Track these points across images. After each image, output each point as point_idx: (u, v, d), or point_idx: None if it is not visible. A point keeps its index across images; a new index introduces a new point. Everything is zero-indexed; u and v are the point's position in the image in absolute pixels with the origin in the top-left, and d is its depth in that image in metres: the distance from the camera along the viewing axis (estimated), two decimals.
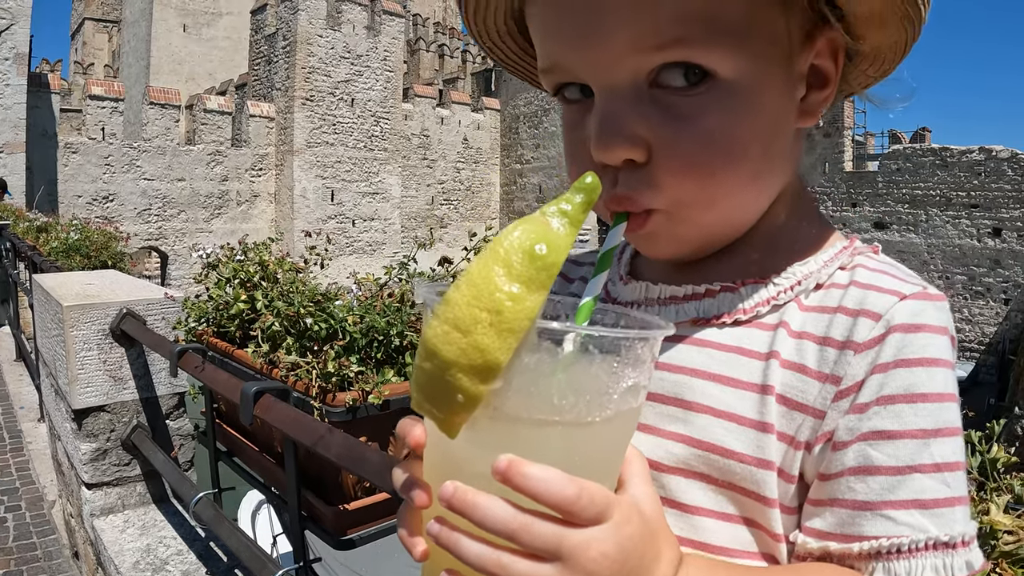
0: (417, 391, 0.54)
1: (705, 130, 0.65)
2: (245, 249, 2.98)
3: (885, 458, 0.63)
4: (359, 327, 2.49)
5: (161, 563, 2.66)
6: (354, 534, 2.31)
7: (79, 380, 2.86)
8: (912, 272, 0.71)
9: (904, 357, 0.64)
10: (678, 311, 0.75)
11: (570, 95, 0.72)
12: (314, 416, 2.16)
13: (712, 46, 0.64)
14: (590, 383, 0.54)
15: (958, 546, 0.62)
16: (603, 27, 0.65)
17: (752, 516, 0.69)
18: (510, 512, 0.52)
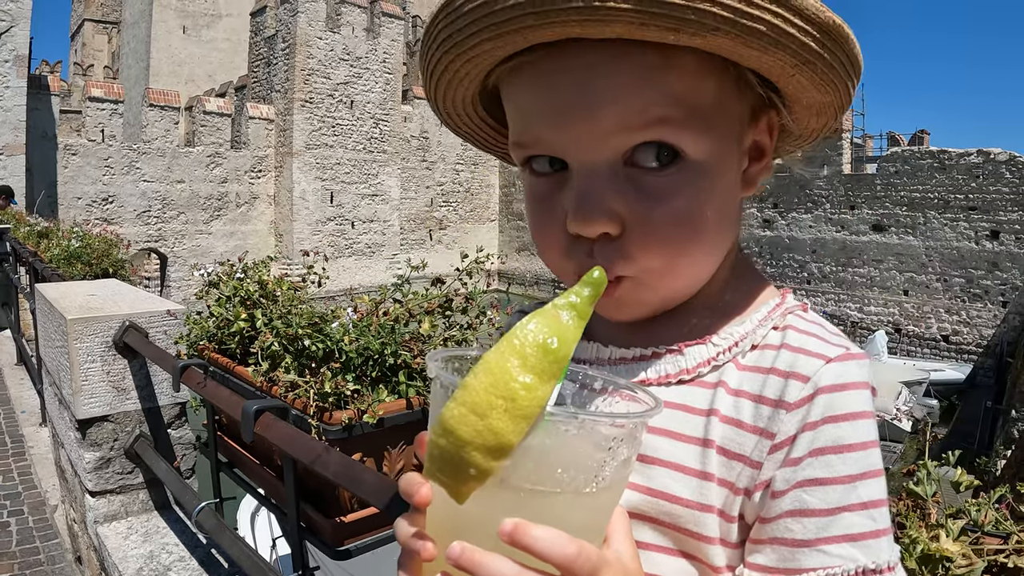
0: (431, 462, 0.59)
1: (676, 209, 0.73)
2: (245, 268, 3.07)
3: (818, 501, 0.72)
4: (355, 346, 2.58)
5: (164, 569, 2.73)
6: (350, 544, 2.40)
7: (83, 391, 2.93)
8: (837, 331, 0.79)
9: (831, 414, 0.73)
10: (627, 371, 0.82)
11: (538, 167, 0.78)
12: (312, 434, 2.24)
13: (687, 128, 0.72)
14: (590, 459, 0.61)
15: (884, 571, 0.71)
16: (592, 106, 0.71)
17: (694, 552, 0.76)
18: (515, 570, 0.57)
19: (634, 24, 0.65)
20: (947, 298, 28.95)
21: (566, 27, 0.67)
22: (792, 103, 0.78)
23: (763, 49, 0.67)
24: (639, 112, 0.71)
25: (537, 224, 0.81)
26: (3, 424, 6.55)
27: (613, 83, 0.70)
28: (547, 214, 0.78)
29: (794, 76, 0.72)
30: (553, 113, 0.74)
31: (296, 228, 37.01)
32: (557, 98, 0.73)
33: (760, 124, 0.80)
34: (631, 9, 0.63)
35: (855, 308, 31.50)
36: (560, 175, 0.77)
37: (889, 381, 21.53)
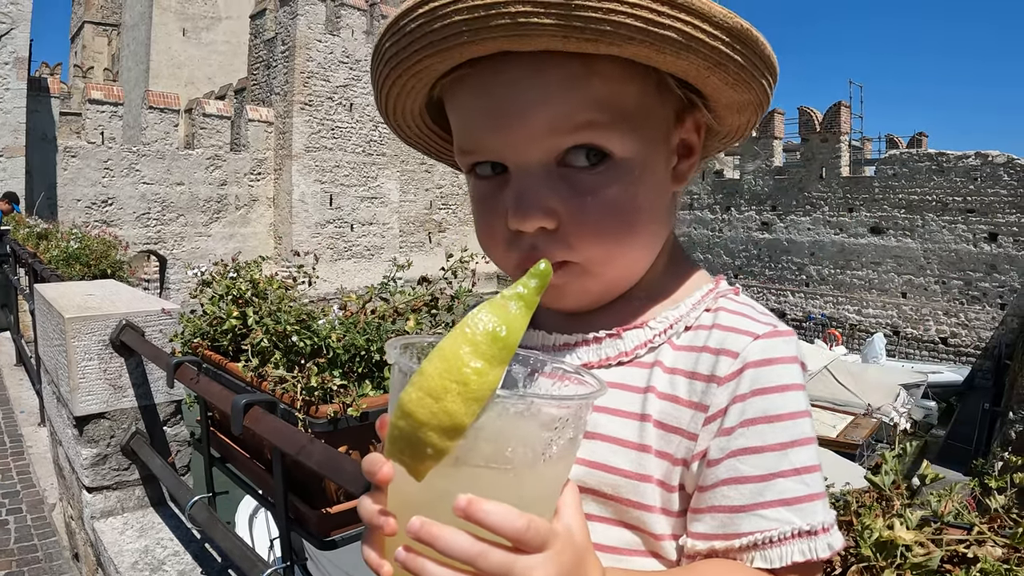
0: (391, 444, 0.64)
1: (607, 202, 0.79)
2: (238, 267, 3.15)
3: (752, 469, 0.77)
4: (342, 343, 2.66)
5: (159, 563, 2.78)
6: (336, 535, 2.46)
7: (80, 388, 2.99)
8: (767, 311, 0.84)
9: (759, 387, 0.78)
10: (571, 356, 0.88)
11: (481, 172, 0.85)
12: (298, 427, 2.30)
13: (613, 130, 0.78)
14: (538, 438, 0.65)
15: (819, 532, 0.76)
16: (524, 112, 0.77)
17: (635, 523, 0.81)
18: (469, 541, 0.61)
19: (557, 38, 0.71)
20: (945, 300, 29.00)
21: (497, 42, 0.73)
22: (713, 103, 0.84)
23: (676, 54, 0.73)
24: (566, 117, 0.77)
25: (482, 223, 0.87)
26: (2, 424, 6.59)
27: (542, 92, 0.77)
28: (490, 213, 0.85)
29: (709, 78, 0.78)
30: (491, 120, 0.80)
31: (295, 230, 37.06)
32: (494, 106, 0.79)
33: (686, 124, 0.86)
34: (553, 24, 0.70)
35: (853, 310, 31.55)
36: (501, 178, 0.83)
37: (887, 383, 21.57)
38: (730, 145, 0.94)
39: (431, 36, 0.75)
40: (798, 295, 33.56)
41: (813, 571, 0.77)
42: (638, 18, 0.69)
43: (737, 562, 0.78)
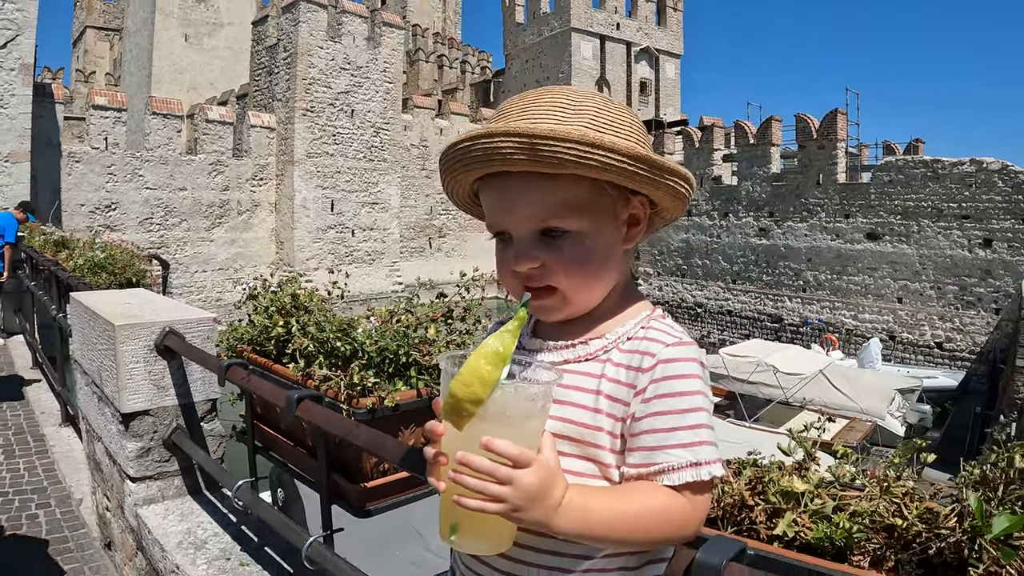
0: (444, 411, 1.12)
1: (569, 258, 1.27)
2: (280, 283, 3.61)
3: (662, 423, 1.21)
4: (375, 348, 3.17)
5: (201, 542, 3.10)
6: (371, 506, 2.97)
7: (128, 388, 3.32)
8: (679, 329, 1.30)
9: (666, 375, 1.23)
10: (557, 354, 1.34)
11: (502, 237, 1.32)
12: (343, 415, 2.71)
13: (569, 216, 1.26)
14: (524, 405, 1.13)
15: (703, 464, 1.19)
16: (515, 208, 1.28)
17: (592, 456, 1.25)
18: (489, 462, 1.08)
19: (531, 164, 1.20)
20: (941, 306, 29.12)
21: (495, 167, 1.25)
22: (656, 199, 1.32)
23: (600, 173, 1.21)
24: (540, 212, 1.25)
25: (500, 266, 1.34)
26: (24, 424, 6.85)
27: (525, 196, 1.25)
28: (503, 261, 1.32)
29: (628, 182, 1.25)
30: (501, 208, 1.30)
31: (297, 236, 37.32)
32: (501, 201, 1.30)
33: (633, 203, 1.32)
34: (526, 159, 1.19)
35: (850, 316, 31.73)
36: (509, 240, 1.30)
37: (883, 387, 21.72)
38: (674, 220, 1.41)
39: (453, 163, 1.30)
40: (795, 300, 33.77)
41: (702, 489, 1.20)
42: (572, 154, 1.17)
43: (653, 482, 1.20)
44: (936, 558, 1.42)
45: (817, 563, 1.44)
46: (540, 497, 1.09)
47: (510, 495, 1.07)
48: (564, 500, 1.12)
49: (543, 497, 1.10)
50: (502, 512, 1.08)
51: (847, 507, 1.59)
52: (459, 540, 1.17)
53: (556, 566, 1.24)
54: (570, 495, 1.14)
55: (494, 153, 1.20)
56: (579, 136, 1.17)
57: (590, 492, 1.18)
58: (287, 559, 2.88)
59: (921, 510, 1.52)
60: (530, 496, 1.08)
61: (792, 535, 1.56)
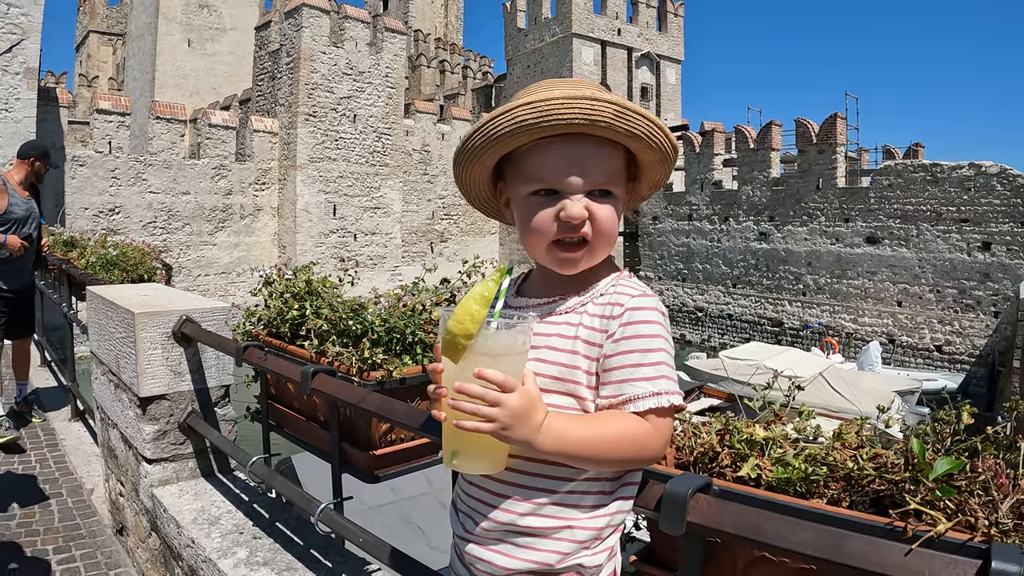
0: (443, 347, 1.33)
1: (607, 216, 1.44)
2: (295, 270, 3.83)
3: (629, 360, 1.39)
4: (384, 327, 3.42)
5: (215, 519, 3.28)
6: (380, 473, 3.19)
7: (146, 373, 3.49)
8: (643, 285, 1.49)
9: (632, 320, 1.41)
10: (542, 309, 1.51)
11: (543, 194, 1.44)
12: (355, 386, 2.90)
13: (616, 184, 1.46)
14: (507, 341, 1.31)
15: (663, 394, 1.37)
16: (583, 171, 1.41)
17: (571, 391, 1.44)
18: (480, 388, 1.27)
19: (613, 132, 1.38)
20: (940, 309, 29.19)
21: (573, 129, 1.36)
22: (641, 168, 1.50)
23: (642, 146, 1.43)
24: (601, 178, 1.43)
25: (539, 219, 1.44)
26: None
27: (592, 161, 1.41)
28: (545, 217, 1.43)
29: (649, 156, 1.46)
30: (559, 169, 1.41)
31: (299, 240, 37.47)
32: (564, 160, 1.41)
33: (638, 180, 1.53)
34: (605, 126, 1.36)
35: (849, 319, 31.82)
36: (555, 197, 1.43)
37: (882, 390, 21.82)
38: (653, 191, 1.60)
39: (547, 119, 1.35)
40: (795, 304, 33.89)
41: (663, 414, 1.38)
42: (645, 130, 1.39)
43: (622, 411, 1.38)
44: (887, 499, 1.60)
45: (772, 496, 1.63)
46: (524, 418, 1.28)
47: (499, 414, 1.25)
48: (545, 423, 1.31)
49: (527, 418, 1.28)
50: (493, 431, 1.26)
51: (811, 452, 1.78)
52: (460, 463, 1.36)
53: (543, 487, 1.41)
54: (550, 419, 1.32)
55: (586, 115, 1.34)
56: (648, 113, 1.38)
57: (568, 417, 1.38)
58: (297, 532, 3.06)
59: (871, 455, 1.71)
60: (515, 416, 1.26)
61: (755, 476, 1.76)
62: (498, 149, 1.43)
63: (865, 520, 1.47)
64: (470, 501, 1.50)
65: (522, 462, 1.41)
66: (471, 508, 1.50)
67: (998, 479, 1.47)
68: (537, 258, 1.51)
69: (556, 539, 1.40)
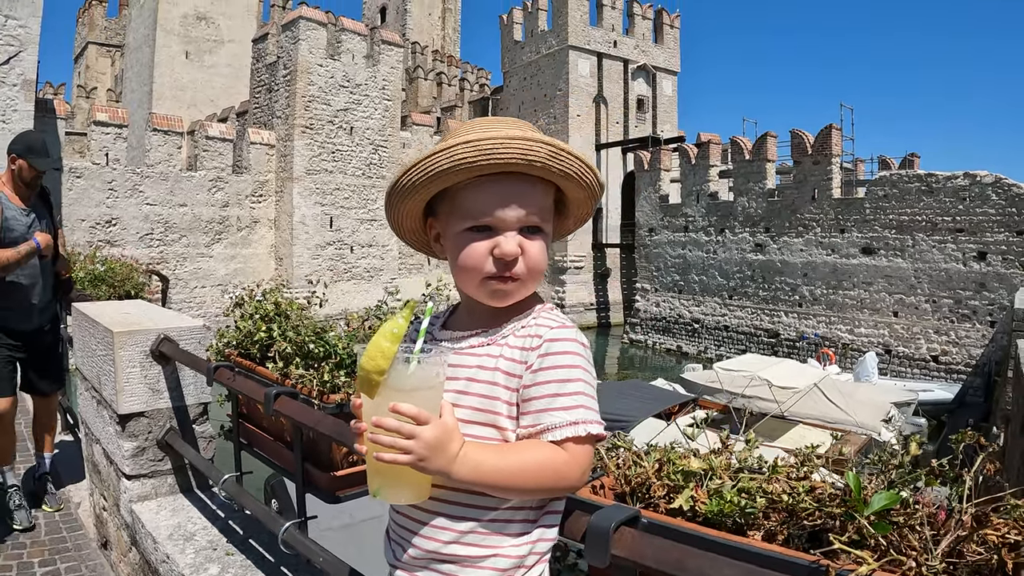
0: (358, 384, 1.36)
1: (537, 251, 1.50)
2: (264, 292, 3.88)
3: (547, 391, 1.43)
4: (346, 350, 3.50)
5: (191, 535, 3.32)
6: (341, 494, 3.23)
7: (125, 391, 3.54)
8: (563, 317, 1.54)
9: (551, 351, 1.45)
10: (465, 342, 1.56)
11: (477, 230, 1.49)
12: (315, 409, 2.95)
13: (546, 219, 1.52)
14: (422, 375, 1.35)
15: (579, 423, 1.40)
16: (518, 208, 1.47)
17: (491, 421, 1.47)
18: (396, 421, 1.30)
19: (548, 171, 1.45)
20: (936, 319, 29.18)
21: (512, 168, 1.42)
22: (568, 204, 1.56)
23: (571, 183, 1.50)
24: (532, 215, 1.48)
25: (472, 255, 1.49)
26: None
27: (526, 199, 1.47)
28: (480, 251, 1.47)
29: (577, 195, 1.54)
30: (495, 206, 1.46)
31: (296, 252, 37.53)
32: (499, 199, 1.46)
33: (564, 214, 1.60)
34: (543, 167, 1.43)
35: (846, 330, 31.83)
36: (488, 233, 1.47)
37: (878, 401, 21.79)
38: (578, 226, 1.68)
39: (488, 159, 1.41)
40: (791, 315, 33.92)
41: (582, 443, 1.42)
42: (577, 170, 1.47)
43: (539, 440, 1.41)
44: (823, 534, 1.62)
45: (704, 531, 1.66)
46: (440, 449, 1.32)
47: (414, 446, 1.30)
48: (461, 453, 1.35)
49: (442, 449, 1.32)
50: (410, 463, 1.31)
51: (743, 486, 1.81)
52: (384, 494, 1.40)
53: (467, 515, 1.45)
54: (466, 449, 1.37)
55: (524, 155, 1.41)
56: (579, 153, 1.47)
57: (484, 447, 1.42)
58: (269, 549, 3.12)
59: (808, 487, 1.74)
60: (431, 447, 1.31)
61: (689, 509, 1.79)
62: (436, 185, 1.47)
63: (790, 558, 1.50)
64: (399, 529, 1.55)
65: (447, 491, 1.45)
66: (400, 536, 1.55)
67: (936, 516, 1.48)
68: (469, 292, 1.54)
69: (480, 567, 1.45)
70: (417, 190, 1.49)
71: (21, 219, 5.15)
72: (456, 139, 1.43)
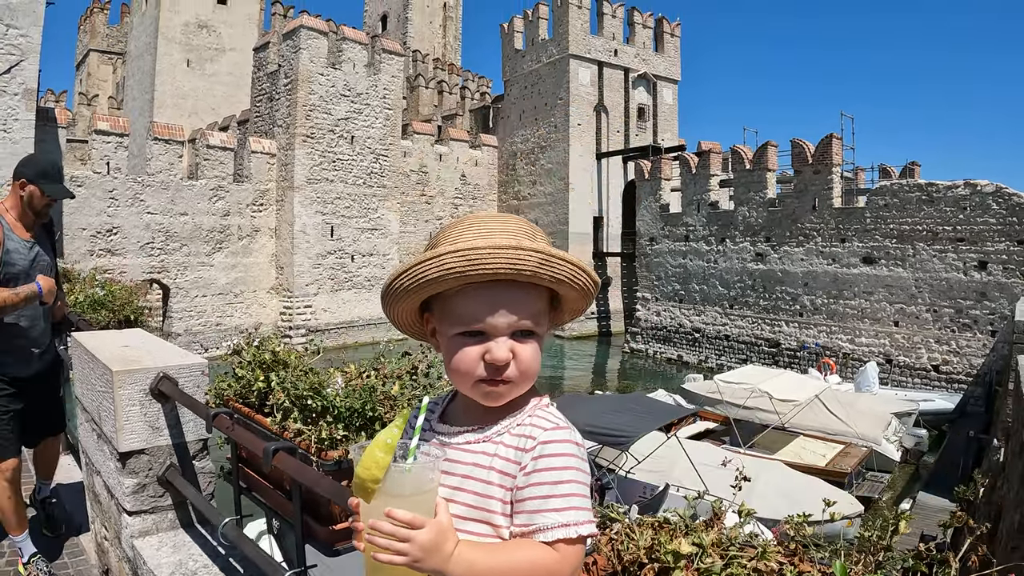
0: (354, 489, 1.40)
1: (530, 354, 1.52)
2: (261, 341, 3.90)
3: (539, 492, 1.45)
4: (344, 404, 3.52)
5: (192, 573, 3.32)
6: (340, 547, 3.28)
7: (125, 429, 3.54)
8: (560, 416, 1.57)
9: (543, 453, 1.48)
10: (461, 438, 1.58)
11: (468, 335, 1.51)
12: (313, 466, 2.95)
13: (539, 323, 1.52)
14: (417, 480, 1.39)
15: (571, 525, 1.42)
16: (508, 313, 1.48)
17: (485, 519, 1.49)
18: (390, 526, 1.33)
19: (538, 278, 1.46)
20: (937, 328, 29.15)
21: (502, 277, 1.44)
22: (563, 302, 1.58)
23: (565, 287, 1.50)
24: (523, 320, 1.49)
25: (464, 359, 1.52)
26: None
27: (517, 304, 1.48)
28: (471, 355, 1.50)
29: (571, 294, 1.54)
30: (485, 312, 1.48)
31: (296, 261, 37.64)
32: (489, 305, 1.47)
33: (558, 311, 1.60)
34: (534, 275, 1.45)
35: (846, 340, 31.81)
36: (481, 337, 1.50)
37: (879, 412, 21.73)
38: (574, 318, 1.67)
39: (476, 269, 1.43)
40: (792, 325, 33.91)
41: (573, 543, 1.44)
42: (568, 275, 1.48)
43: (531, 540, 1.44)
44: None
45: None
46: (434, 550, 1.37)
47: (410, 550, 1.35)
48: (455, 552, 1.39)
49: (437, 550, 1.37)
50: (406, 563, 1.36)
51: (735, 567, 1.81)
52: None
53: None
54: (460, 548, 1.40)
55: (512, 265, 1.43)
56: (570, 258, 1.48)
57: (478, 546, 1.45)
58: None
59: (795, 573, 1.75)
60: (425, 549, 1.36)
61: None
62: (426, 292, 1.51)
63: None
64: None
65: None
66: None
67: None
68: (463, 391, 1.58)
69: None
70: (409, 295, 1.53)
71: (24, 252, 4.69)
72: (446, 246, 1.46)
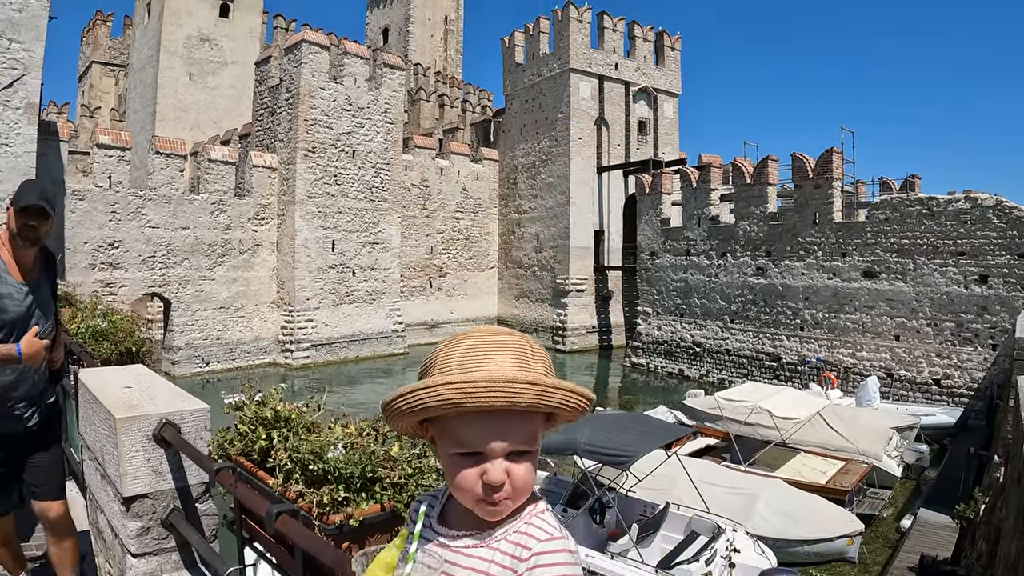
0: None
1: (525, 472, 1.56)
2: (263, 398, 3.92)
3: None
4: (346, 470, 3.55)
5: None
6: None
7: (128, 474, 3.58)
8: (556, 524, 1.60)
9: (539, 564, 1.50)
10: (459, 541, 1.61)
11: (466, 455, 1.56)
12: (315, 530, 2.99)
13: (533, 444, 1.57)
14: None
15: None
16: (504, 439, 1.53)
17: None
18: None
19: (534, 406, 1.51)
20: (938, 342, 29.11)
21: (496, 408, 1.49)
22: (558, 418, 1.63)
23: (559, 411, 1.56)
24: (519, 443, 1.54)
25: (466, 478, 1.56)
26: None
27: (513, 429, 1.53)
28: (470, 474, 1.55)
29: (565, 414, 1.58)
30: (483, 437, 1.53)
31: (298, 275, 37.71)
32: (486, 430, 1.52)
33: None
34: (529, 404, 1.49)
35: (847, 354, 31.77)
36: (478, 457, 1.54)
37: (880, 427, 21.70)
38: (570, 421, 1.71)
39: (474, 401, 1.49)
40: (793, 339, 33.89)
41: None
42: (562, 403, 1.54)
43: None
44: None
45: None
46: None
47: None
48: None
49: None
50: None
51: None
52: None
53: None
54: None
55: (509, 399, 1.49)
56: (564, 384, 1.53)
57: None
58: None
59: None
60: None
61: None
62: (424, 416, 1.58)
63: None
64: None
65: None
66: None
67: None
68: (465, 505, 1.62)
69: None
70: (406, 416, 1.59)
71: (18, 299, 4.18)
72: (443, 376, 1.53)
